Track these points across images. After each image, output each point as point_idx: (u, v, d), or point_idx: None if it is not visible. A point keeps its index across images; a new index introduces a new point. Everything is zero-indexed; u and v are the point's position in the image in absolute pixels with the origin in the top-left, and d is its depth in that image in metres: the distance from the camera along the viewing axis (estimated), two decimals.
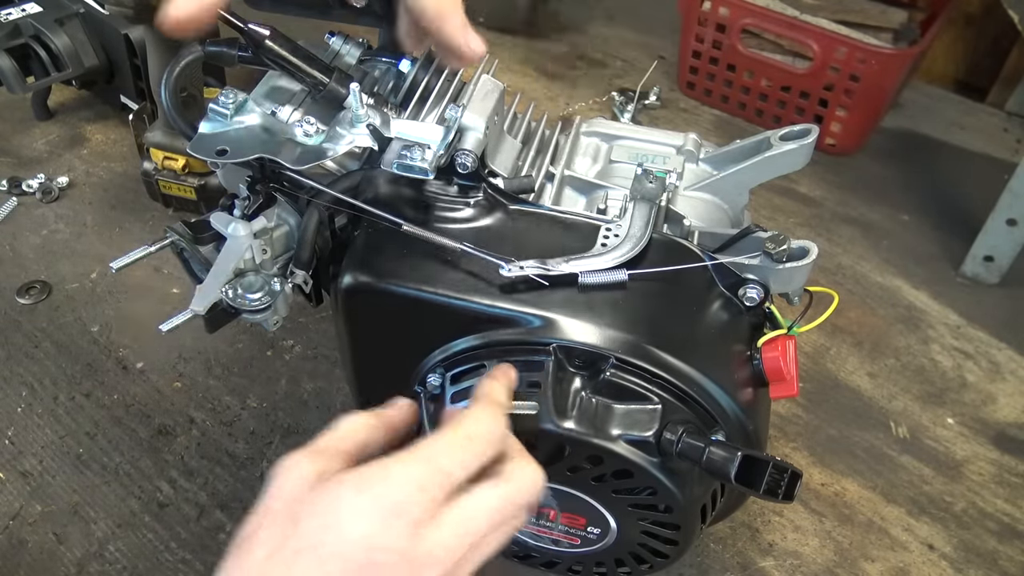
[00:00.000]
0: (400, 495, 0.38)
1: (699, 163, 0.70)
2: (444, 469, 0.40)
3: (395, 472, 0.39)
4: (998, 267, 1.04)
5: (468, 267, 0.56)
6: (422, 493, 0.39)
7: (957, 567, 0.77)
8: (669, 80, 1.37)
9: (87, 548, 0.74)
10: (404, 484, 0.39)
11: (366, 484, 0.39)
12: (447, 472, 0.40)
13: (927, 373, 0.95)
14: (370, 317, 0.60)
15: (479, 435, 0.42)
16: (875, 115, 1.22)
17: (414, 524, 0.38)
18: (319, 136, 0.58)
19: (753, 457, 0.48)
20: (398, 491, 0.38)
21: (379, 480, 0.39)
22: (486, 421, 0.43)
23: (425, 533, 0.38)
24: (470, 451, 0.41)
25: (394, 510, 0.38)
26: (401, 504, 0.38)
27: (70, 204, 1.06)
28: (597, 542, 0.60)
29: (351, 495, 0.38)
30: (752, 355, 0.57)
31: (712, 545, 0.77)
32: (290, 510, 0.39)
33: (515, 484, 0.42)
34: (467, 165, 0.58)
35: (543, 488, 0.44)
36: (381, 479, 0.39)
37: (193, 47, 0.62)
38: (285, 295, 0.60)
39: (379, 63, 0.66)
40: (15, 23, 1.02)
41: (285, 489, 0.40)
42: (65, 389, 0.86)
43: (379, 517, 0.37)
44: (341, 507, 0.38)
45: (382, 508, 0.38)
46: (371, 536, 0.37)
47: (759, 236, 0.58)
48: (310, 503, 0.39)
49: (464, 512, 0.40)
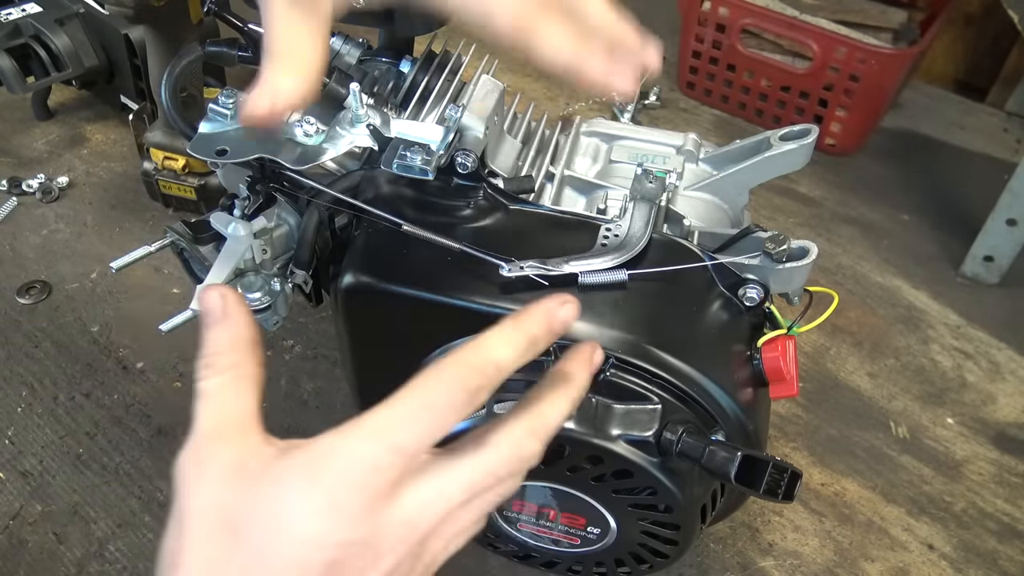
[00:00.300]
0: (352, 479, 0.33)
1: (699, 163, 0.70)
2: (398, 446, 0.34)
3: (342, 454, 0.34)
4: (998, 267, 1.04)
5: (468, 267, 0.56)
6: (375, 475, 0.34)
7: (957, 567, 0.77)
8: (669, 80, 1.37)
9: (87, 548, 0.74)
10: (354, 467, 0.34)
11: (311, 473, 0.34)
12: (401, 449, 0.34)
13: (927, 373, 0.95)
14: (370, 317, 0.60)
15: (438, 404, 0.35)
16: (875, 115, 1.22)
17: (369, 508, 0.34)
18: (319, 136, 0.58)
19: (753, 457, 0.48)
20: (349, 475, 0.33)
21: (325, 465, 0.34)
22: (447, 385, 0.36)
23: (384, 513, 0.34)
24: (428, 423, 0.35)
25: (348, 498, 0.33)
26: (355, 489, 0.33)
27: (70, 204, 1.06)
28: (597, 542, 0.60)
29: (296, 490, 0.33)
30: (752, 355, 0.57)
31: (712, 545, 0.77)
32: (224, 521, 0.33)
33: (496, 454, 0.37)
34: (467, 165, 0.58)
35: (534, 455, 0.38)
36: (327, 464, 0.34)
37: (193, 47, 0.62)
38: (285, 295, 0.60)
39: (379, 63, 0.66)
40: (15, 23, 1.02)
41: (203, 497, 0.34)
42: (65, 389, 0.86)
43: (332, 509, 0.33)
44: (286, 505, 0.33)
45: (334, 497, 0.33)
46: (326, 533, 0.33)
47: (759, 236, 0.58)
48: (248, 507, 0.33)
49: (428, 490, 0.35)
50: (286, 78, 0.41)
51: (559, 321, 0.39)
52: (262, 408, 0.38)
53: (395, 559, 0.34)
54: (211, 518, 0.34)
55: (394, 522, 0.34)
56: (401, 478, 0.35)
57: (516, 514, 0.60)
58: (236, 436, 0.36)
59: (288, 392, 0.87)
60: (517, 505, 0.59)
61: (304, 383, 0.88)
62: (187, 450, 0.36)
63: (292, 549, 0.32)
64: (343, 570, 0.33)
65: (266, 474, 0.34)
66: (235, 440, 0.36)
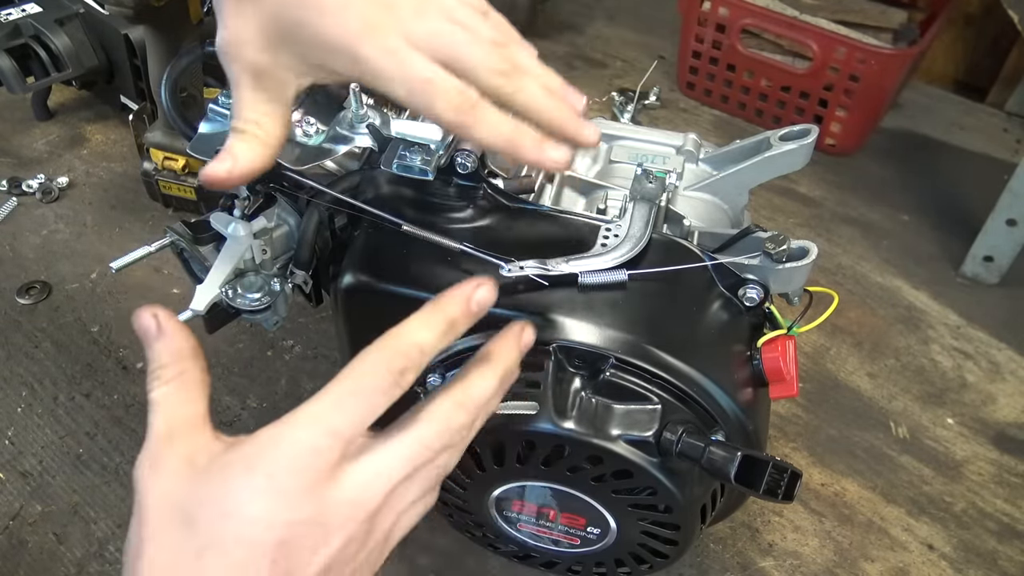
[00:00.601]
0: (293, 463, 0.36)
1: (699, 163, 0.70)
2: (334, 429, 0.37)
3: (282, 440, 0.37)
4: (998, 267, 1.04)
5: (468, 267, 0.56)
6: (315, 457, 0.36)
7: (957, 567, 0.77)
8: (669, 80, 1.37)
9: (87, 548, 0.74)
10: (295, 451, 0.36)
11: (254, 460, 0.36)
12: (337, 432, 0.37)
13: (927, 373, 0.95)
14: (370, 317, 0.60)
15: (366, 388, 0.38)
16: (875, 115, 1.22)
17: (313, 488, 0.36)
18: (319, 136, 0.58)
19: (753, 457, 0.48)
20: (290, 459, 0.36)
21: (267, 453, 0.36)
22: (373, 370, 0.38)
23: (328, 493, 0.36)
24: (359, 407, 0.38)
25: (290, 480, 0.35)
26: (296, 472, 0.36)
27: (70, 204, 1.06)
28: (597, 542, 0.60)
29: (241, 476, 0.36)
30: (752, 355, 0.57)
31: (712, 545, 0.77)
32: (178, 512, 0.36)
33: (428, 428, 0.39)
34: (467, 165, 0.58)
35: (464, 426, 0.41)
36: (269, 452, 0.36)
37: (193, 47, 0.62)
38: (285, 295, 0.60)
39: None
40: (15, 23, 1.02)
41: (158, 493, 0.36)
42: (65, 389, 0.86)
43: (276, 491, 0.35)
44: (233, 491, 0.35)
45: (277, 481, 0.35)
46: (273, 513, 0.35)
47: (759, 236, 0.58)
48: (199, 497, 0.36)
49: (370, 466, 0.38)
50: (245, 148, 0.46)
51: (476, 303, 0.41)
52: (210, 409, 0.40)
53: (345, 536, 0.37)
54: (166, 511, 0.36)
55: (339, 501, 0.36)
56: (341, 460, 0.37)
57: (516, 514, 0.60)
58: (186, 436, 0.38)
59: (288, 392, 0.87)
60: (517, 505, 0.59)
61: (304, 383, 0.88)
62: (143, 453, 0.38)
63: (242, 530, 0.34)
64: (294, 549, 0.35)
65: (213, 465, 0.37)
66: (185, 439, 0.38)
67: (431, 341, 0.40)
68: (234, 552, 0.34)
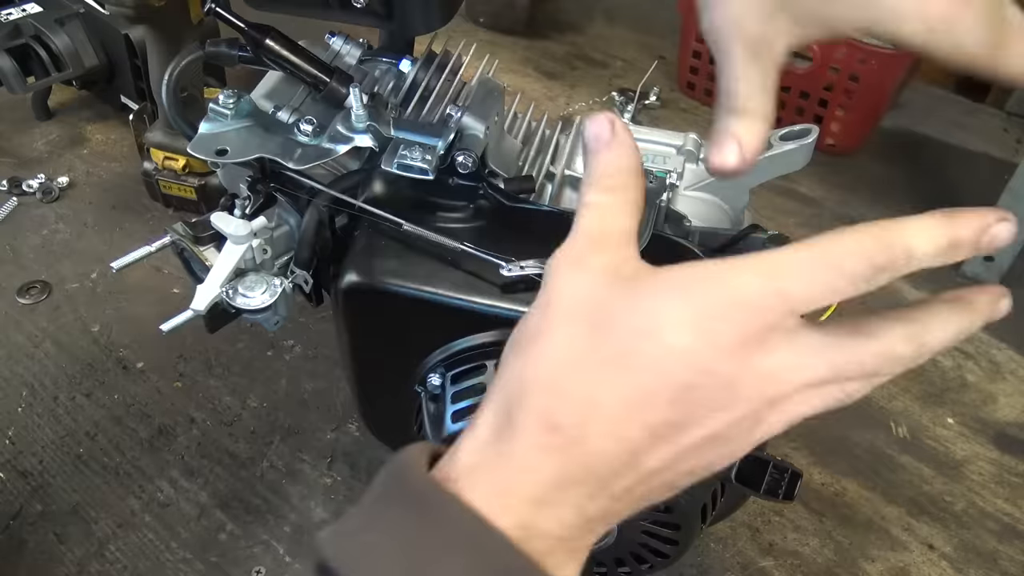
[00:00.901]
0: (733, 309, 0.31)
1: (699, 163, 0.70)
2: (787, 292, 0.32)
3: (729, 282, 0.32)
4: (998, 267, 1.04)
5: (468, 267, 0.56)
6: (756, 314, 0.31)
7: (957, 567, 0.77)
8: (669, 80, 1.37)
9: (87, 548, 0.74)
10: (739, 296, 0.31)
11: (691, 288, 0.32)
12: (789, 296, 0.32)
13: (927, 373, 0.95)
14: (370, 317, 0.60)
15: (839, 266, 0.32)
16: (875, 115, 1.22)
17: (739, 347, 0.31)
18: (319, 136, 0.58)
19: (753, 457, 0.48)
20: (731, 303, 0.31)
21: (708, 288, 0.32)
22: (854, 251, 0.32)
23: (749, 361, 0.32)
24: (823, 282, 0.32)
25: (724, 326, 0.31)
26: (733, 320, 0.31)
27: (70, 204, 1.06)
28: (597, 542, 0.60)
29: (673, 299, 0.32)
30: None
31: (712, 545, 0.77)
32: (594, 312, 0.32)
33: (870, 346, 0.34)
34: (467, 165, 0.58)
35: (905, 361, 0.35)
36: (709, 286, 0.32)
37: (193, 47, 0.62)
38: (285, 295, 0.60)
39: (379, 63, 0.66)
40: (15, 23, 1.02)
41: (575, 287, 0.33)
42: (65, 389, 0.86)
43: (706, 331, 0.31)
44: (661, 312, 0.31)
45: (711, 321, 0.31)
46: (695, 352, 0.31)
47: (759, 236, 0.58)
48: (621, 305, 0.32)
49: (798, 351, 0.33)
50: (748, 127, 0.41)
51: (990, 238, 0.34)
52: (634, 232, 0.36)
53: (746, 409, 0.33)
54: (582, 308, 0.33)
55: (760, 371, 0.32)
56: (775, 328, 0.32)
57: None
58: (616, 244, 0.35)
59: (288, 392, 0.87)
60: None
61: (304, 383, 0.88)
62: (564, 247, 0.35)
63: (657, 355, 0.31)
64: (697, 398, 0.32)
65: (642, 280, 0.33)
66: (614, 247, 0.35)
67: (926, 252, 0.34)
68: (639, 375, 0.31)
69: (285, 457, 0.79)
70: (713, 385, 0.31)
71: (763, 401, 0.33)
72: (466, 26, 1.42)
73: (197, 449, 0.81)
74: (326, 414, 0.84)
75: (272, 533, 0.75)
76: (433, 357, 0.58)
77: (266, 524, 0.76)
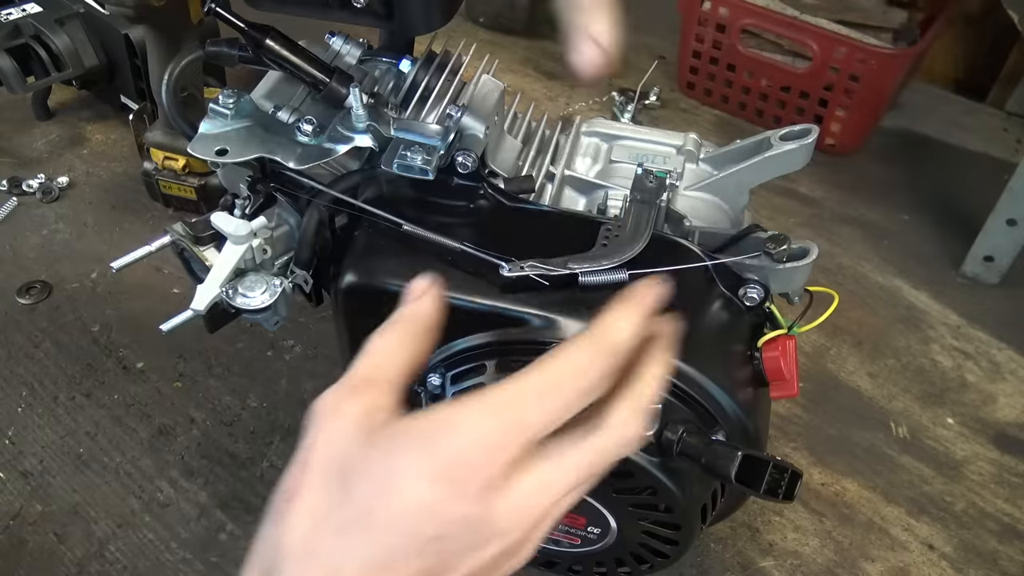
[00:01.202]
0: (469, 455, 0.32)
1: (699, 163, 0.70)
2: (524, 423, 0.33)
3: (464, 426, 0.32)
4: (998, 267, 1.04)
5: (468, 267, 0.56)
6: (495, 452, 0.32)
7: (957, 567, 0.77)
8: (669, 80, 1.37)
9: (87, 548, 0.74)
10: (475, 441, 0.32)
11: (429, 440, 0.32)
12: (527, 426, 0.33)
13: (927, 373, 0.95)
14: (370, 317, 0.60)
15: (571, 385, 0.34)
16: (875, 115, 1.22)
17: (483, 489, 0.32)
18: (319, 136, 0.58)
19: (753, 457, 0.48)
20: (467, 450, 0.32)
21: (444, 435, 0.32)
22: (584, 364, 0.34)
23: (495, 501, 0.32)
24: (557, 403, 0.33)
25: (461, 473, 0.32)
26: (470, 466, 0.32)
27: (70, 204, 1.06)
28: (597, 542, 0.60)
29: (413, 453, 0.32)
30: (752, 355, 0.57)
31: (712, 545, 0.77)
32: (338, 467, 0.33)
33: (610, 435, 0.35)
34: (467, 165, 0.58)
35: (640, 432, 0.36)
36: (447, 434, 0.32)
37: (193, 47, 0.62)
38: (285, 295, 0.60)
39: (379, 63, 0.66)
40: (15, 23, 1.02)
41: (329, 442, 0.33)
42: (65, 389, 0.86)
43: (443, 481, 0.31)
44: (398, 468, 0.32)
45: (447, 470, 0.32)
46: (433, 504, 0.31)
47: (759, 236, 0.58)
48: (361, 460, 0.32)
49: (543, 476, 0.33)
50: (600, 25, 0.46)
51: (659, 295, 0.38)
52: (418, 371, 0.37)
53: (504, 543, 0.33)
54: (333, 464, 0.33)
55: (507, 507, 0.33)
56: (517, 461, 0.33)
57: None
58: (376, 393, 0.35)
59: (288, 392, 0.87)
60: None
61: (304, 383, 0.88)
62: (329, 391, 0.35)
63: (399, 512, 0.31)
64: (447, 548, 0.32)
65: (387, 430, 0.33)
66: (373, 395, 0.35)
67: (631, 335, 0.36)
68: (383, 536, 0.31)
69: (285, 457, 0.79)
70: (462, 531, 0.32)
71: (520, 531, 0.33)
72: (466, 26, 1.42)
73: (197, 449, 0.81)
74: None
75: None
76: (433, 357, 0.58)
77: None
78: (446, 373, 0.57)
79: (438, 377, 0.57)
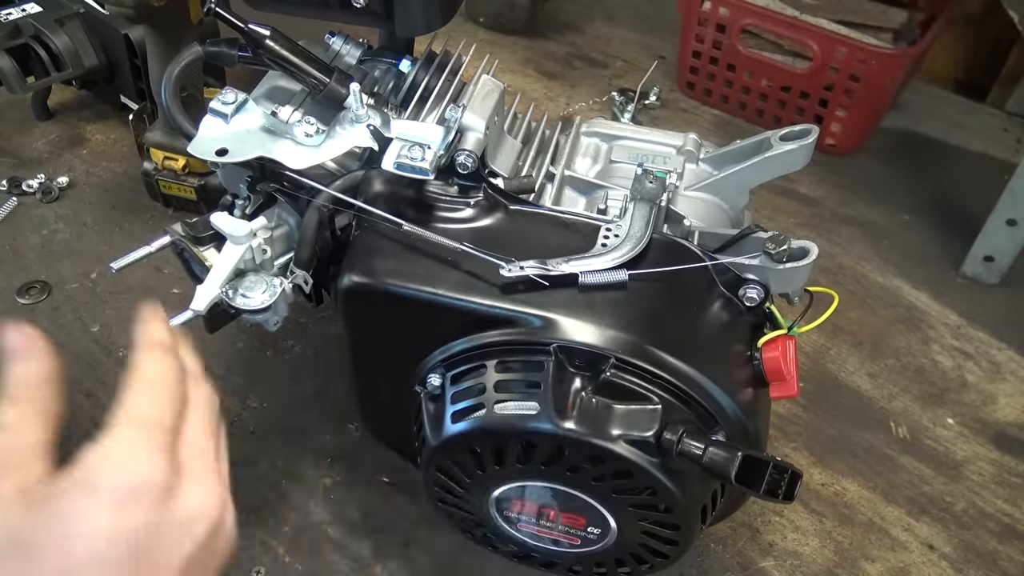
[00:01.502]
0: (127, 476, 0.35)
1: (699, 163, 0.70)
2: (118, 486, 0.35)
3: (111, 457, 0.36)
4: (998, 267, 1.04)
5: (468, 267, 0.56)
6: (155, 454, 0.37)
7: (957, 567, 0.77)
8: (669, 80, 1.37)
9: None
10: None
11: (90, 476, 0.35)
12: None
13: (927, 373, 0.95)
14: (370, 317, 0.60)
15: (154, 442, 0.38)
16: (875, 115, 1.22)
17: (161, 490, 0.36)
18: (319, 136, 0.58)
19: (753, 457, 0.48)
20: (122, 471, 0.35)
21: (100, 468, 0.35)
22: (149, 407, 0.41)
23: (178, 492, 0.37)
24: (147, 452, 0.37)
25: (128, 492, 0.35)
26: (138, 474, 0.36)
27: (70, 204, 1.06)
28: (597, 542, 0.60)
29: (80, 495, 0.34)
30: (752, 355, 0.57)
31: (712, 545, 0.77)
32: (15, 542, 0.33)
33: None
34: (467, 165, 0.58)
35: None
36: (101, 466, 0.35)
37: (193, 47, 0.62)
38: (285, 295, 0.60)
39: (379, 63, 0.66)
40: (15, 23, 1.02)
41: None
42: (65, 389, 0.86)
43: (116, 501, 0.34)
44: (73, 511, 0.34)
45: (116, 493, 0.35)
46: (118, 520, 0.34)
47: (759, 236, 0.58)
48: (38, 523, 0.34)
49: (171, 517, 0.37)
50: None
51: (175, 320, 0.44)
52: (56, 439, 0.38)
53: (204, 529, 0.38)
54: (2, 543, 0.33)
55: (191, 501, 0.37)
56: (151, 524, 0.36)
57: (516, 514, 0.60)
58: (24, 468, 0.36)
59: (288, 392, 0.86)
60: (517, 505, 0.59)
61: (304, 383, 0.88)
62: None
63: (88, 545, 0.33)
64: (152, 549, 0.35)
65: (50, 492, 0.35)
66: (22, 471, 0.36)
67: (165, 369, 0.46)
68: (85, 569, 0.33)
69: (285, 457, 0.79)
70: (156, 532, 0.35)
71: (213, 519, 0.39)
72: (466, 26, 1.42)
73: None
74: (326, 414, 0.84)
75: (272, 533, 0.75)
76: (433, 357, 0.58)
77: (266, 524, 0.76)
78: (446, 373, 0.57)
79: (438, 377, 0.57)
